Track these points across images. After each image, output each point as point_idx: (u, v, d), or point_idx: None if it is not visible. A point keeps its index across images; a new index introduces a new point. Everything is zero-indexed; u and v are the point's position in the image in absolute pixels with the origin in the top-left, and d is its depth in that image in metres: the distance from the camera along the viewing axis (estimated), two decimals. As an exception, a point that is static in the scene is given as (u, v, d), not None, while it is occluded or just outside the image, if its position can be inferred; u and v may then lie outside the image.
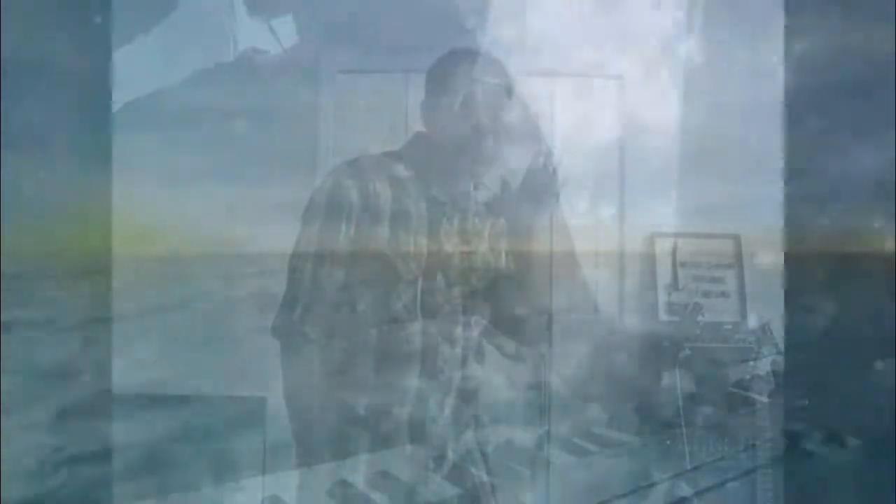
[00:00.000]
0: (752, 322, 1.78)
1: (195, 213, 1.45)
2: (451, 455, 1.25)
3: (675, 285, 1.82)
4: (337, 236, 1.17)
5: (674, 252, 1.84)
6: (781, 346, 1.53)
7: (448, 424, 1.25)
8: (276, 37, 1.54)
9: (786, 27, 1.13)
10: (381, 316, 1.19)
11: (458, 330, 1.24)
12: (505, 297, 1.29)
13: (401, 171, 1.23)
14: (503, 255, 1.30)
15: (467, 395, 1.26)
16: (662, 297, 1.82)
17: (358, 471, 1.22)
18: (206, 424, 1.31)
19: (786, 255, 1.14)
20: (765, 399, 1.57)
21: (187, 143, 1.45)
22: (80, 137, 1.00)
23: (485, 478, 1.27)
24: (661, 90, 1.88)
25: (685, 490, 1.29)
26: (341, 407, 1.20)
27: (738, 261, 1.86)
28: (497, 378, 1.36)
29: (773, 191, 1.22)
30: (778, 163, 1.16)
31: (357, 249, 1.18)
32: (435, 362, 1.22)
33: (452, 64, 1.24)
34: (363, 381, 1.22)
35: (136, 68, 1.34)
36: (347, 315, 1.19)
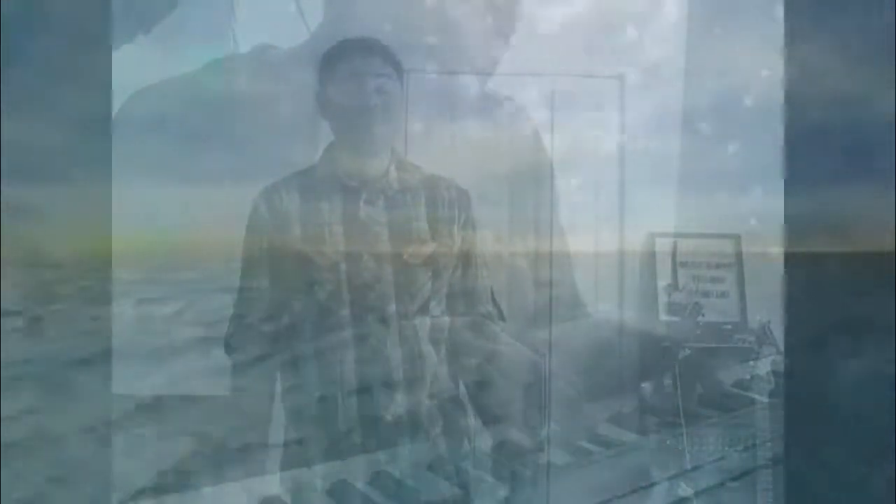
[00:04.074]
0: (752, 322, 1.78)
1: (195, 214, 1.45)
2: (407, 452, 1.26)
3: (675, 285, 1.82)
4: (254, 253, 1.26)
5: (674, 252, 1.84)
6: (781, 346, 1.53)
7: (401, 416, 1.26)
8: (305, 21, 1.54)
9: (786, 26, 1.13)
10: (313, 311, 1.24)
11: (392, 307, 1.25)
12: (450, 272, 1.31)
13: (312, 174, 1.29)
14: (451, 227, 1.31)
15: (417, 377, 1.28)
16: (662, 297, 1.82)
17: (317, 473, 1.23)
18: (207, 424, 1.31)
19: (786, 255, 1.14)
20: (765, 399, 1.56)
21: (187, 141, 1.45)
22: (80, 137, 1.00)
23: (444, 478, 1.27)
24: (662, 90, 1.88)
25: (685, 490, 1.29)
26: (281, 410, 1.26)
27: (738, 261, 1.86)
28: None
29: (774, 190, 1.22)
30: (778, 162, 1.16)
31: (273, 258, 1.25)
32: (368, 345, 1.25)
33: (326, 58, 1.28)
34: (306, 379, 1.27)
35: (136, 67, 1.34)
36: (287, 320, 1.24)
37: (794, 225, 1.12)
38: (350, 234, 1.24)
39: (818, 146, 1.10)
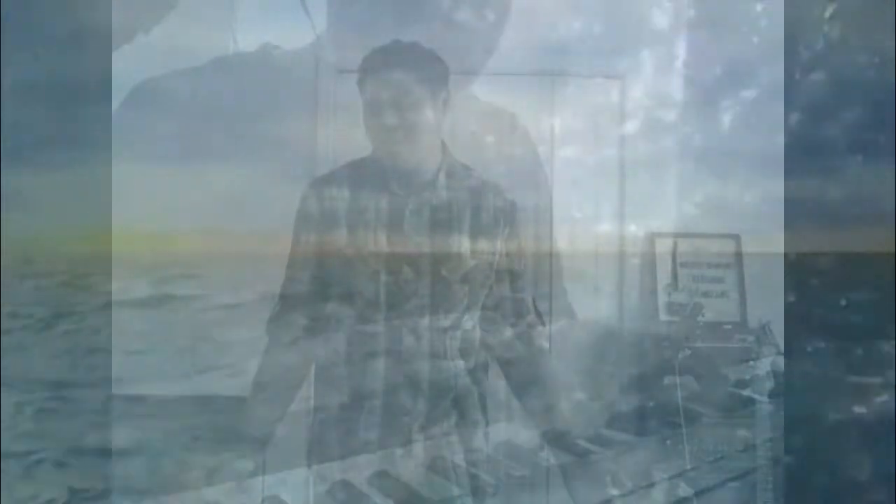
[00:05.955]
0: (752, 322, 1.78)
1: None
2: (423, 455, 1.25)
3: (675, 285, 1.82)
4: (299, 244, 1.26)
5: (674, 252, 1.84)
6: (781, 346, 1.53)
7: (422, 421, 1.25)
8: (312, 23, 1.54)
9: (787, 26, 1.13)
10: (347, 314, 1.24)
11: (425, 321, 1.24)
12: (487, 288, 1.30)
13: (364, 173, 1.27)
14: (493, 242, 1.29)
15: (442, 390, 1.27)
16: (662, 297, 1.82)
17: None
18: (206, 424, 1.31)
19: (786, 255, 1.14)
20: (765, 399, 1.56)
21: (188, 138, 1.45)
22: (80, 139, 1.00)
23: (455, 490, 1.25)
24: (662, 90, 1.88)
25: (685, 490, 1.28)
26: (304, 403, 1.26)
27: (738, 261, 1.86)
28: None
29: (774, 190, 1.22)
30: (778, 162, 1.16)
31: (318, 253, 1.25)
32: (399, 356, 1.24)
33: (364, 63, 1.25)
34: (331, 377, 1.27)
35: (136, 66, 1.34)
36: (317, 315, 1.24)
37: (794, 225, 1.12)
38: (392, 244, 1.23)
39: (819, 144, 1.10)
